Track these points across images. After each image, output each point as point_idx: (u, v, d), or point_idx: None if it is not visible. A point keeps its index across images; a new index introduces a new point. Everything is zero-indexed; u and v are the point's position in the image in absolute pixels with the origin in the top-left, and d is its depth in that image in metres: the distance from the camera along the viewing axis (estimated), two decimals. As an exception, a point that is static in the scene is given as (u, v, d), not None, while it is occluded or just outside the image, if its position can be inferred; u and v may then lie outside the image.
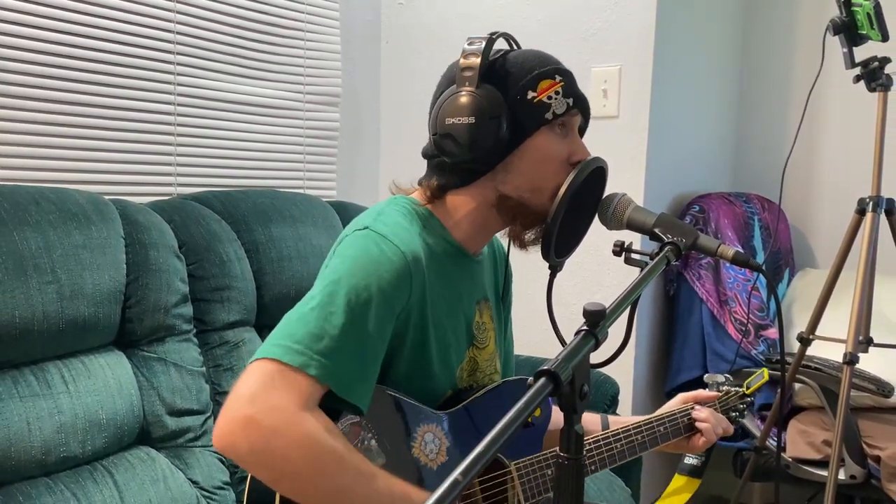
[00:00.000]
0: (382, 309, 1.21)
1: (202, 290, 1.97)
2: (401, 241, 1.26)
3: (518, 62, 1.33)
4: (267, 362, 1.12)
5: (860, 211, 2.26)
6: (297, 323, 1.17)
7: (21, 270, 1.59)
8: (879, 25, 2.11)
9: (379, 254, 1.23)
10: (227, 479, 1.88)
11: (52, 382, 1.64)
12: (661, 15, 2.57)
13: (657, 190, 2.70)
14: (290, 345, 1.13)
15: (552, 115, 1.32)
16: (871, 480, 2.37)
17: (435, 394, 1.36)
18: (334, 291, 1.19)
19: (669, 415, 1.59)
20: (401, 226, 1.30)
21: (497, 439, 0.73)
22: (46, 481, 1.59)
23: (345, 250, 1.26)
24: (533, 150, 1.33)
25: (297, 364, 1.11)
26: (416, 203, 1.38)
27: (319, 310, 1.17)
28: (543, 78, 1.32)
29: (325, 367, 1.13)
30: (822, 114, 3.16)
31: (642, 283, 1.09)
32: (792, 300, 2.93)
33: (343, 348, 1.15)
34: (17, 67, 1.98)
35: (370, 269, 1.22)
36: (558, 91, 1.33)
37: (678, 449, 1.62)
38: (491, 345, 1.49)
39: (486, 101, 1.27)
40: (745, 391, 1.73)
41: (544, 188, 1.33)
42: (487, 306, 1.49)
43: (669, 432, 1.57)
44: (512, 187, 1.33)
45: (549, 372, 0.81)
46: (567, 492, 0.86)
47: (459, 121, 1.27)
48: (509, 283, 1.63)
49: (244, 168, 2.58)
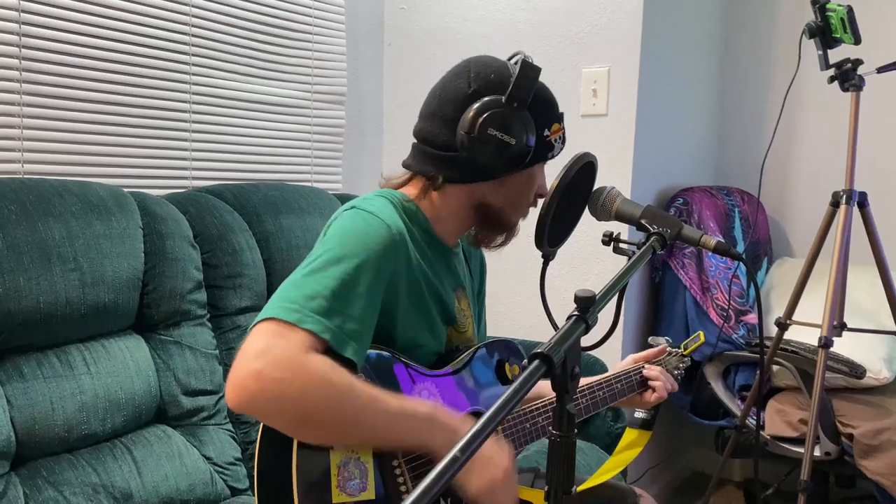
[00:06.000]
0: (372, 274, 1.21)
1: (216, 277, 1.97)
2: (387, 217, 1.28)
3: (547, 99, 1.37)
4: (266, 322, 1.12)
5: (834, 203, 2.26)
6: (291, 287, 1.17)
7: (45, 259, 1.59)
8: (852, 29, 2.11)
9: (367, 226, 1.25)
10: (239, 455, 1.88)
11: (74, 364, 1.63)
12: (647, 19, 2.56)
13: (644, 183, 2.70)
14: (285, 305, 1.13)
15: (551, 155, 1.38)
16: (845, 457, 2.37)
17: (422, 361, 1.37)
18: (327, 259, 1.20)
19: (624, 373, 1.64)
20: (385, 207, 1.31)
21: (494, 417, 0.73)
22: (69, 457, 1.59)
23: (336, 226, 1.28)
24: (527, 177, 1.39)
25: (293, 320, 1.12)
26: (405, 198, 1.38)
27: (312, 275, 1.18)
28: (556, 121, 1.38)
29: (319, 323, 1.13)
30: (798, 112, 3.16)
31: (630, 271, 1.09)
32: (770, 287, 2.93)
33: (335, 307, 1.15)
34: (43, 68, 1.98)
35: (360, 238, 1.23)
36: (560, 137, 1.39)
37: (632, 404, 1.68)
38: (469, 330, 1.50)
39: (528, 130, 1.31)
40: (683, 352, 1.79)
41: (519, 207, 1.42)
42: (464, 295, 1.50)
43: (625, 388, 1.63)
44: (499, 199, 1.39)
45: (543, 355, 0.81)
46: (559, 467, 0.85)
47: (502, 137, 1.28)
48: (484, 278, 1.67)
49: (255, 162, 2.57)
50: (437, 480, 0.65)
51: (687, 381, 2.76)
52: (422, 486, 0.64)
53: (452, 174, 1.36)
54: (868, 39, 2.22)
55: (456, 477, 0.68)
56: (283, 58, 2.63)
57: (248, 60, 2.51)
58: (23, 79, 1.94)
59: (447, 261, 1.44)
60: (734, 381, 2.67)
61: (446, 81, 1.37)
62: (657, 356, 1.73)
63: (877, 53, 2.38)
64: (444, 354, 1.43)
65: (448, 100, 1.34)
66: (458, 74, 1.36)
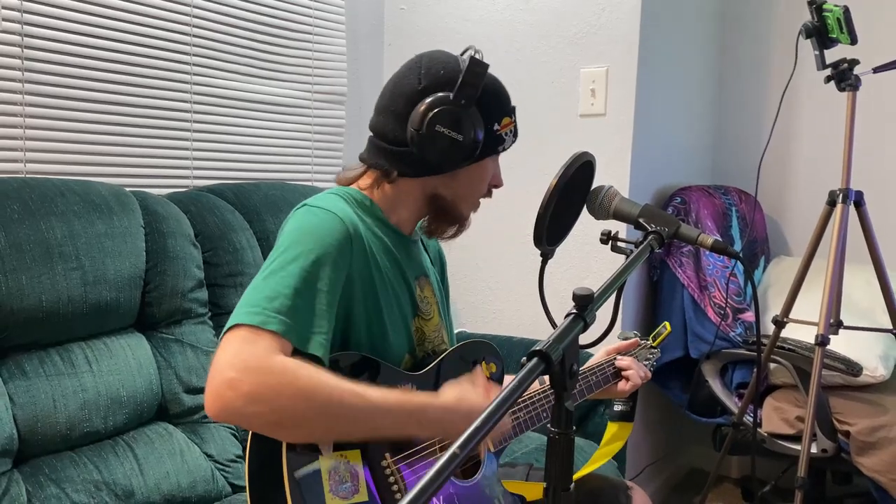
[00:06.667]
0: (330, 269, 1.21)
1: (217, 276, 1.97)
2: (338, 210, 1.29)
3: (496, 93, 1.38)
4: (233, 330, 1.13)
5: (831, 202, 2.26)
6: (252, 292, 1.17)
7: (47, 257, 1.59)
8: (849, 29, 2.11)
9: (319, 222, 1.26)
10: (240, 452, 1.88)
11: (76, 362, 1.63)
12: (645, 19, 2.56)
13: (641, 183, 2.70)
14: (248, 310, 1.14)
15: (502, 148, 1.41)
16: (842, 454, 2.37)
17: (394, 359, 1.36)
18: (284, 259, 1.20)
19: (598, 365, 1.66)
20: (336, 202, 1.32)
21: (493, 415, 0.73)
22: (71, 455, 1.59)
23: (288, 227, 1.28)
24: (477, 169, 1.41)
25: (257, 322, 1.12)
26: (357, 193, 1.40)
27: (271, 276, 1.18)
28: (506, 115, 1.40)
29: (283, 323, 1.13)
30: (795, 112, 3.16)
31: (628, 270, 1.08)
32: (767, 286, 2.93)
33: (297, 305, 1.15)
34: (46, 68, 1.98)
35: (314, 234, 1.23)
36: (511, 130, 1.41)
37: (608, 394, 1.69)
38: (435, 317, 1.51)
39: (476, 126, 1.33)
40: (652, 343, 1.80)
41: (470, 199, 1.44)
42: (427, 282, 1.50)
43: (600, 380, 1.64)
44: (450, 192, 1.41)
45: (541, 352, 0.81)
46: (558, 463, 0.85)
47: (449, 133, 1.30)
48: (444, 267, 1.69)
49: (256, 162, 2.57)
50: (437, 478, 0.65)
51: (685, 379, 2.76)
52: (421, 484, 0.64)
53: (404, 168, 1.38)
54: (864, 39, 2.22)
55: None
56: (284, 58, 2.63)
57: (249, 61, 2.51)
58: (25, 79, 1.94)
59: (406, 249, 1.45)
60: (732, 379, 2.66)
61: (399, 76, 1.39)
62: (628, 349, 1.75)
63: (873, 53, 2.38)
64: (418, 358, 1.43)
65: (399, 94, 1.36)
66: (410, 69, 1.38)
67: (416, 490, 0.63)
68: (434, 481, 0.65)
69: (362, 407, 1.14)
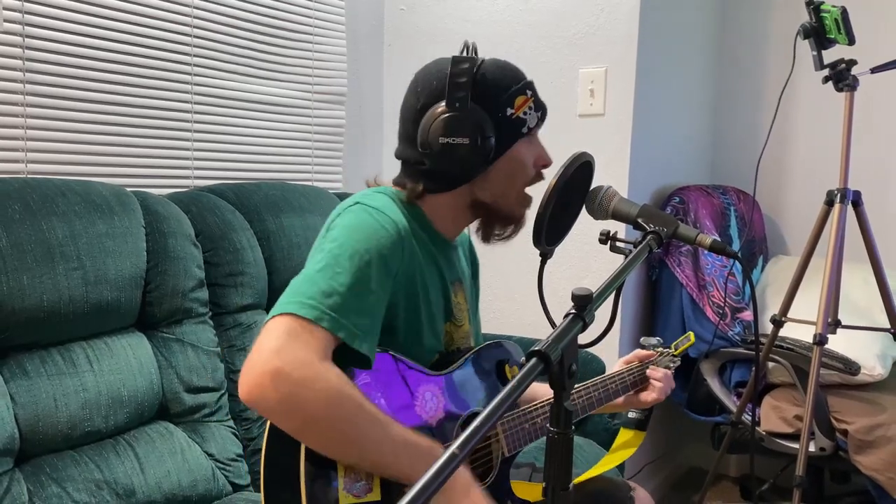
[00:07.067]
0: (382, 270, 1.22)
1: (217, 275, 1.96)
2: (392, 213, 1.29)
3: (495, 79, 1.34)
4: (284, 318, 1.12)
5: (828, 202, 2.26)
6: (306, 283, 1.17)
7: (48, 257, 1.59)
8: (846, 30, 2.11)
9: (374, 222, 1.25)
10: (241, 451, 1.88)
11: (77, 362, 1.63)
12: (643, 20, 2.56)
13: (640, 182, 2.70)
14: (303, 301, 1.13)
15: (527, 128, 1.36)
16: (840, 452, 2.37)
17: (423, 359, 1.36)
18: (339, 255, 1.19)
19: (619, 374, 1.64)
20: (389, 205, 1.32)
21: (493, 414, 0.73)
22: (72, 454, 1.58)
23: (342, 222, 1.27)
24: (509, 161, 1.36)
25: (312, 317, 1.11)
26: (400, 194, 1.39)
27: (326, 271, 1.17)
28: (518, 94, 1.35)
29: (336, 321, 1.13)
30: (793, 112, 3.16)
31: (627, 269, 1.08)
32: (765, 285, 2.93)
33: (351, 304, 1.15)
34: (47, 69, 1.97)
35: (369, 234, 1.23)
36: (531, 106, 1.36)
37: (628, 404, 1.67)
38: (466, 325, 1.50)
39: (479, 122, 1.29)
40: (674, 352, 1.78)
41: (511, 194, 1.39)
42: (462, 288, 1.50)
43: (619, 389, 1.62)
44: (487, 194, 1.38)
45: (540, 352, 0.80)
46: (557, 463, 0.85)
47: (454, 140, 1.28)
48: (477, 268, 1.67)
49: (256, 162, 2.57)
50: (436, 478, 0.65)
51: (684, 378, 2.76)
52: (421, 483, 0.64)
53: (432, 186, 1.37)
54: (862, 40, 2.22)
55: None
56: (284, 58, 2.63)
57: (249, 61, 2.51)
58: (26, 79, 1.94)
59: (447, 254, 1.44)
60: (730, 378, 2.66)
61: (404, 100, 1.39)
62: (647, 358, 1.72)
63: (871, 54, 2.37)
64: (445, 354, 1.42)
65: (405, 119, 1.37)
66: (409, 90, 1.38)
67: (416, 490, 0.63)
68: (433, 481, 0.64)
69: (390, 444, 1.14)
